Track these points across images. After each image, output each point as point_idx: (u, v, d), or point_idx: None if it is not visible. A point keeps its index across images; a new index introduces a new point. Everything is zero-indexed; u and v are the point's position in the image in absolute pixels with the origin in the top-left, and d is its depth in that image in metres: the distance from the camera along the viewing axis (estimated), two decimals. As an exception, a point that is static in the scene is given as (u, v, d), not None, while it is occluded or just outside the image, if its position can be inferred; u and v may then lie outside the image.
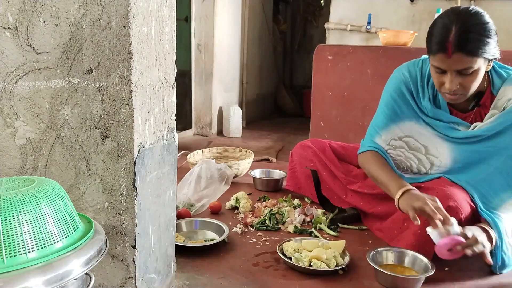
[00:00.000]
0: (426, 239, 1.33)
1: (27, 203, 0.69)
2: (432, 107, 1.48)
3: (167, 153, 1.09)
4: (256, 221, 1.72)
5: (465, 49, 1.24)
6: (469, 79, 1.30)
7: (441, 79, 1.34)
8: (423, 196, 1.31)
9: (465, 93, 1.35)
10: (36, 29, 0.91)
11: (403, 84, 1.54)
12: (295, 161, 2.05)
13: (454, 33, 1.24)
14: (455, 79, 1.30)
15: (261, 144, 3.66)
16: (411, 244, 1.39)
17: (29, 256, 0.67)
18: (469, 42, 1.24)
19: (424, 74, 1.52)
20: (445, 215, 1.23)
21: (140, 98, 0.94)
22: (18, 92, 0.94)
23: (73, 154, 0.95)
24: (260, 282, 1.28)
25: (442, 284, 1.29)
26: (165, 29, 1.03)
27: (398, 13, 3.72)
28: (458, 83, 1.31)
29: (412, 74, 1.53)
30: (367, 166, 1.59)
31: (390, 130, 1.56)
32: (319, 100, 2.84)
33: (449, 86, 1.32)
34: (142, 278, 1.02)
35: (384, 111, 1.58)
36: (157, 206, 1.06)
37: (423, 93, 1.50)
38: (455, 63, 1.27)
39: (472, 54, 1.25)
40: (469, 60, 1.26)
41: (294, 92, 6.26)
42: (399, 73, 1.57)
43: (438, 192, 1.36)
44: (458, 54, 1.25)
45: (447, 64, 1.29)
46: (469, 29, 1.24)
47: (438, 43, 1.29)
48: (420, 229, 1.35)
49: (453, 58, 1.26)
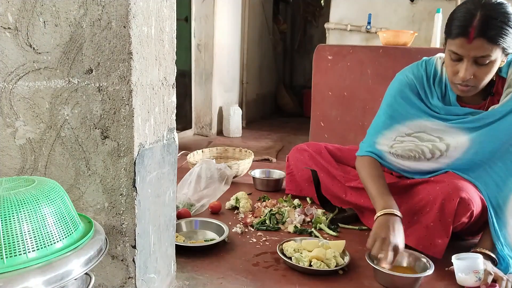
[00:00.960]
0: (436, 233, 1.35)
1: (27, 203, 0.69)
2: (443, 106, 1.45)
3: (167, 153, 1.09)
4: (256, 221, 1.72)
5: (487, 35, 1.21)
6: (484, 70, 1.27)
7: (456, 67, 1.31)
8: (395, 230, 1.28)
9: (477, 85, 1.31)
10: (36, 29, 0.91)
11: (407, 87, 1.51)
12: (292, 165, 2.05)
13: (479, 18, 1.21)
14: (470, 68, 1.27)
15: (261, 144, 3.66)
16: (422, 237, 1.39)
17: (29, 256, 0.67)
18: (492, 29, 1.21)
19: (429, 75, 1.49)
20: (390, 260, 1.24)
21: (140, 98, 0.94)
22: (18, 92, 0.94)
23: (73, 154, 0.95)
24: (260, 282, 1.28)
25: (442, 283, 1.30)
26: (165, 29, 1.03)
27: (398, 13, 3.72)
28: (472, 74, 1.28)
29: (417, 76, 1.50)
30: (362, 174, 1.57)
31: (394, 129, 1.52)
32: (319, 100, 2.84)
33: (463, 75, 1.28)
34: (142, 278, 1.02)
35: (386, 112, 1.56)
36: (157, 206, 1.06)
37: (431, 93, 1.47)
38: (474, 49, 1.24)
39: (493, 41, 1.22)
40: (489, 48, 1.22)
41: (294, 92, 6.26)
42: (403, 76, 1.54)
43: (448, 184, 1.36)
44: (479, 40, 1.22)
45: (466, 50, 1.25)
46: (493, 16, 1.21)
47: (460, 27, 1.25)
48: (433, 222, 1.36)
49: (474, 44, 1.23)
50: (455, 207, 1.32)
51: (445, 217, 1.35)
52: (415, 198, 1.46)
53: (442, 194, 1.35)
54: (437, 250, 1.36)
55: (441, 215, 1.35)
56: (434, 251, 1.37)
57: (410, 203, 1.48)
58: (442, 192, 1.36)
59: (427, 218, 1.39)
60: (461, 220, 1.34)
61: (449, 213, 1.33)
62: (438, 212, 1.35)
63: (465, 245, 1.55)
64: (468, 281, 1.23)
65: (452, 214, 1.33)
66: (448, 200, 1.34)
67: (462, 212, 1.33)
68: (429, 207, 1.39)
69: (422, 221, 1.41)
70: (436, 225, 1.36)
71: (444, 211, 1.34)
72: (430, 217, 1.38)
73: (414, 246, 1.41)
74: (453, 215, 1.33)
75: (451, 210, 1.33)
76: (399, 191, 1.55)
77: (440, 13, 2.85)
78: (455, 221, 1.34)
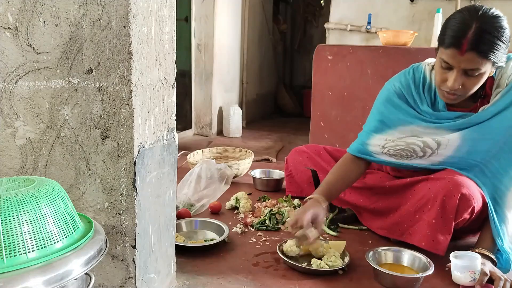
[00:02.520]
0: (439, 229, 1.36)
1: (27, 203, 0.69)
2: (433, 112, 1.46)
3: (167, 153, 1.09)
4: (256, 221, 1.72)
5: (480, 49, 1.21)
6: (472, 81, 1.28)
7: (445, 75, 1.31)
8: (313, 212, 1.38)
9: (464, 94, 1.33)
10: (36, 29, 0.91)
11: (395, 96, 1.52)
12: (291, 166, 2.05)
13: (473, 31, 1.21)
14: (459, 78, 1.28)
15: (261, 144, 3.66)
16: (425, 235, 1.39)
17: (29, 256, 0.67)
18: (485, 44, 1.21)
19: (418, 82, 1.49)
20: (301, 235, 1.33)
21: (140, 98, 0.94)
22: (18, 92, 0.94)
23: (73, 154, 0.95)
24: (260, 282, 1.28)
25: (442, 283, 1.30)
26: (165, 29, 1.03)
27: (398, 13, 3.72)
28: (461, 84, 1.29)
29: (404, 85, 1.51)
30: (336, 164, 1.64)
31: (387, 133, 1.53)
32: (319, 100, 2.84)
33: (451, 85, 1.29)
34: (142, 278, 1.02)
35: (377, 119, 1.57)
36: (157, 206, 1.06)
37: (420, 100, 1.48)
38: (465, 62, 1.24)
39: (485, 56, 1.22)
40: (480, 62, 1.23)
41: (294, 92, 6.26)
42: (391, 85, 1.55)
43: (449, 181, 1.36)
44: (471, 53, 1.22)
45: (457, 61, 1.26)
46: (488, 30, 1.21)
47: (453, 38, 1.25)
48: (434, 219, 1.37)
49: (465, 56, 1.23)
50: (456, 203, 1.32)
51: (446, 214, 1.35)
52: (416, 196, 1.47)
53: (443, 191, 1.35)
54: (440, 247, 1.36)
55: (443, 212, 1.35)
56: (437, 248, 1.37)
57: (411, 202, 1.48)
58: (443, 189, 1.36)
59: (428, 215, 1.39)
60: (462, 216, 1.34)
61: (451, 210, 1.34)
62: (440, 208, 1.35)
63: (465, 244, 1.55)
64: (462, 280, 1.24)
65: (454, 211, 1.33)
66: (449, 196, 1.34)
67: (463, 208, 1.33)
68: (430, 204, 1.40)
69: (424, 218, 1.42)
70: (438, 222, 1.36)
71: (445, 208, 1.35)
72: (431, 214, 1.38)
73: (417, 244, 1.41)
74: (454, 211, 1.33)
75: (453, 207, 1.33)
76: (399, 190, 1.55)
77: (440, 13, 2.85)
78: (457, 218, 1.34)
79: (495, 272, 1.24)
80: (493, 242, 1.34)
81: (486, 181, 1.38)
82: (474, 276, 1.22)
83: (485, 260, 1.28)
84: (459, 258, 1.26)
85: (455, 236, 1.42)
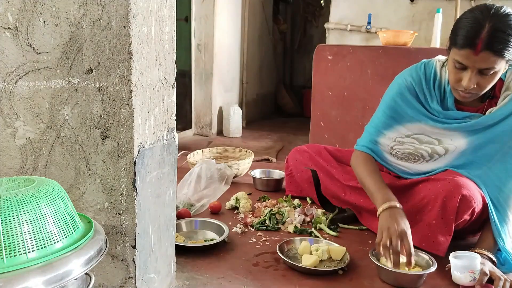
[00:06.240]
0: (438, 231, 1.36)
1: (27, 203, 0.69)
2: (441, 110, 1.46)
3: (167, 153, 1.09)
4: (256, 221, 1.72)
5: (494, 48, 1.21)
6: (487, 79, 1.28)
7: (459, 75, 1.31)
8: (399, 220, 1.30)
9: (479, 93, 1.33)
10: (36, 29, 0.91)
11: (406, 90, 1.51)
12: (291, 166, 2.05)
13: (487, 30, 1.21)
14: (474, 78, 1.27)
15: (261, 144, 3.66)
16: (425, 235, 1.40)
17: (29, 256, 0.67)
18: (499, 42, 1.21)
19: (428, 78, 1.49)
20: (408, 250, 1.24)
21: (140, 98, 0.94)
22: (18, 92, 0.94)
23: (73, 154, 0.95)
24: (260, 282, 1.28)
25: (442, 283, 1.30)
26: (165, 29, 1.03)
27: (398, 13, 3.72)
28: (476, 83, 1.28)
29: (416, 79, 1.50)
30: (358, 169, 1.58)
31: (394, 129, 1.54)
32: (319, 100, 2.84)
33: (466, 84, 1.28)
34: (142, 278, 1.02)
35: (386, 114, 1.56)
36: (157, 206, 1.06)
37: (431, 97, 1.48)
38: (480, 61, 1.24)
39: (499, 54, 1.22)
40: (495, 60, 1.23)
41: (294, 92, 6.26)
42: (402, 79, 1.54)
43: (450, 182, 1.36)
44: (486, 53, 1.22)
45: (471, 61, 1.25)
46: (501, 29, 1.21)
47: (467, 38, 1.24)
48: (435, 220, 1.37)
49: (480, 56, 1.23)
50: (456, 204, 1.32)
51: (447, 215, 1.35)
52: (417, 197, 1.47)
53: (444, 192, 1.36)
54: (440, 248, 1.37)
55: (443, 213, 1.35)
56: (437, 249, 1.37)
57: (412, 202, 1.48)
58: (444, 190, 1.36)
59: (429, 216, 1.40)
60: (463, 217, 1.34)
61: (451, 211, 1.34)
62: (440, 209, 1.35)
63: (465, 244, 1.55)
64: (462, 280, 1.24)
65: (454, 212, 1.33)
66: (449, 197, 1.34)
67: (464, 209, 1.33)
68: (431, 205, 1.40)
69: (425, 219, 1.42)
70: (438, 223, 1.36)
71: (446, 209, 1.35)
72: (432, 215, 1.38)
73: (417, 245, 1.41)
74: (455, 212, 1.33)
75: (453, 208, 1.33)
76: (399, 190, 1.55)
77: (440, 13, 2.84)
78: (457, 219, 1.34)
79: (495, 272, 1.25)
80: (493, 242, 1.34)
81: (489, 182, 1.39)
82: (474, 276, 1.22)
83: (484, 260, 1.28)
84: (458, 258, 1.27)
85: (455, 236, 1.42)
